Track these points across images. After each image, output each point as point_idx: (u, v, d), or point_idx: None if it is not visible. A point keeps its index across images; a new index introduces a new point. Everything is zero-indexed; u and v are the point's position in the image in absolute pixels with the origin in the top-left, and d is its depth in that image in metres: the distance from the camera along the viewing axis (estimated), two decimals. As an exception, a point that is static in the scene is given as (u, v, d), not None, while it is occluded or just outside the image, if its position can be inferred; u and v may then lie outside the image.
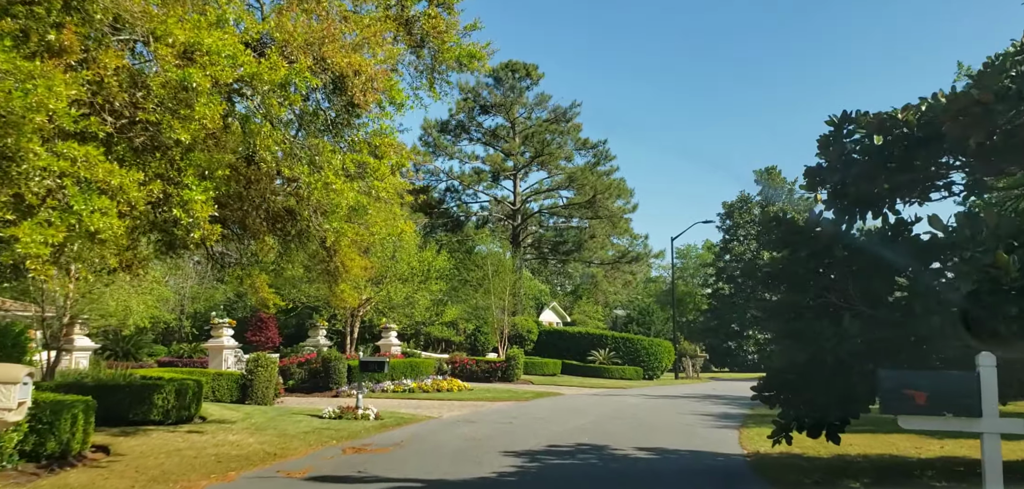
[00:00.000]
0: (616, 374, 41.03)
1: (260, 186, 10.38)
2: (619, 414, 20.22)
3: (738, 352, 62.18)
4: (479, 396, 25.52)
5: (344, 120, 10.33)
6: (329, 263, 15.29)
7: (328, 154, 10.00)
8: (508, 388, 30.10)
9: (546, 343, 44.61)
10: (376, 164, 10.67)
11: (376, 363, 17.33)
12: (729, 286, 64.68)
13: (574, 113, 48.36)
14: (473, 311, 43.49)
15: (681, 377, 45.48)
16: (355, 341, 29.65)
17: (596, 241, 49.34)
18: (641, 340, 43.56)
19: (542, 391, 29.12)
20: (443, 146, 47.58)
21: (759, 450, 13.34)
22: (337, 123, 10.42)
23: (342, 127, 10.52)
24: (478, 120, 49.70)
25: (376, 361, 17.42)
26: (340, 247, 14.72)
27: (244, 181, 10.17)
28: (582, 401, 25.24)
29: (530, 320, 45.97)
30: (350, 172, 10.49)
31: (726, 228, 67.85)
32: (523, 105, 49.34)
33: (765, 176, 66.49)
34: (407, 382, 27.25)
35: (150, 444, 12.51)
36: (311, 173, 9.74)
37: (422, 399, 24.71)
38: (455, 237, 49.20)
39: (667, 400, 26.19)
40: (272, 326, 40.89)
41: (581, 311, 68.14)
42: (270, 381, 20.68)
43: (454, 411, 20.34)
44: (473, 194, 51.12)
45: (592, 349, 42.95)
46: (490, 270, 41.25)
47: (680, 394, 30.08)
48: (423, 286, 30.51)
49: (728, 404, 25.16)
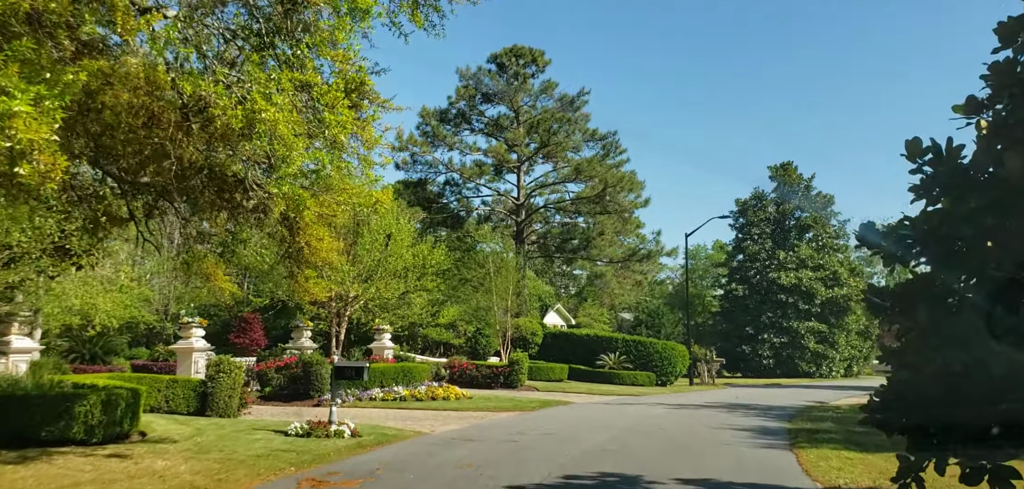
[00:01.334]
0: (627, 380, 38.06)
1: (164, 122, 7.39)
2: (642, 428, 17.27)
3: (752, 357, 59.12)
4: (479, 405, 22.57)
5: (282, 25, 7.35)
6: (291, 243, 12.36)
7: (253, 68, 7.03)
8: (511, 396, 27.16)
9: (551, 346, 41.68)
10: (325, 88, 7.69)
11: (352, 369, 14.40)
12: (743, 287, 61.64)
13: (582, 102, 45.42)
14: (474, 312, 40.60)
15: (697, 383, 42.48)
16: (342, 343, 26.71)
17: (605, 239, 46.30)
18: (654, 343, 40.58)
19: (549, 399, 26.18)
20: (442, 136, 44.51)
21: (839, 485, 10.38)
22: (271, 32, 7.43)
23: (278, 34, 7.53)
24: (480, 108, 46.72)
25: (352, 366, 14.49)
26: (302, 222, 11.81)
27: (144, 115, 7.20)
28: (596, 412, 22.29)
29: (535, 322, 43.04)
30: (297, 104, 7.52)
31: (739, 226, 64.83)
32: (528, 93, 46.36)
33: (781, 172, 63.43)
34: (398, 389, 24.33)
35: (43, 475, 9.57)
36: (227, 94, 6.76)
37: (414, 409, 21.79)
38: (455, 234, 46.27)
39: (691, 411, 23.22)
40: (257, 327, 37.92)
41: (586, 314, 65.19)
42: (235, 389, 17.74)
43: (449, 425, 17.40)
44: (474, 188, 48.13)
45: (601, 353, 39.98)
46: (492, 268, 38.34)
47: (702, 402, 27.12)
48: (419, 283, 27.56)
49: (761, 415, 22.21)
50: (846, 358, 60.26)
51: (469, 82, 45.46)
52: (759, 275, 61.51)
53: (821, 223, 62.43)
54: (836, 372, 59.33)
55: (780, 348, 58.92)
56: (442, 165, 45.65)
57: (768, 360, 58.79)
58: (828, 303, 58.91)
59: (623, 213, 46.15)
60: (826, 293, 58.79)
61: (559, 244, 49.10)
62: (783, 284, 59.01)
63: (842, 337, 59.38)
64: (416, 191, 45.33)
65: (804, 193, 62.68)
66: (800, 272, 59.26)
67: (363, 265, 25.15)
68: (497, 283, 38.02)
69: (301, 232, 12.01)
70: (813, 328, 58.54)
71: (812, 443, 14.91)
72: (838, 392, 36.98)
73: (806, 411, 24.08)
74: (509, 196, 47.66)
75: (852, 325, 60.22)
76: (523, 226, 46.94)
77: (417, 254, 26.75)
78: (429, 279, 27.38)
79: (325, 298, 19.77)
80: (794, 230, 63.33)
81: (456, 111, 46.17)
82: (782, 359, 58.81)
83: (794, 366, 58.28)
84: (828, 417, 21.57)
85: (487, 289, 37.99)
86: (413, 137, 43.38)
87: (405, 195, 45.61)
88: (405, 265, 26.83)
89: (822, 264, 60.16)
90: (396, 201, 34.43)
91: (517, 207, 47.00)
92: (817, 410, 24.66)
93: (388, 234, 25.49)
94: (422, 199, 45.07)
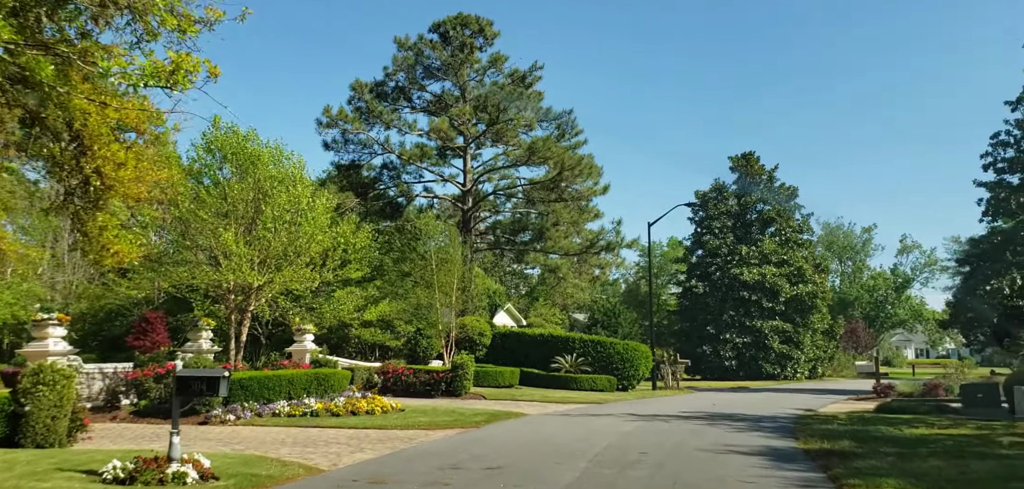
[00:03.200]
0: (586, 384, 33.88)
1: None
2: (622, 455, 12.95)
3: (713, 358, 55.58)
4: (409, 422, 17.98)
5: None
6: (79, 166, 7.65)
7: None
8: (453, 406, 22.64)
9: (501, 348, 37.28)
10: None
11: (203, 380, 9.79)
12: (703, 284, 58.08)
13: (535, 78, 40.92)
14: (414, 311, 35.94)
15: (660, 387, 38.54)
16: (243, 345, 21.81)
17: (560, 230, 41.95)
18: (614, 344, 36.48)
19: (498, 411, 21.74)
20: (378, 113, 39.37)
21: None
22: None
23: None
24: (421, 82, 41.85)
25: (202, 377, 9.89)
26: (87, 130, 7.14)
27: None
28: (555, 427, 17.91)
29: (483, 321, 38.55)
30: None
31: (699, 220, 61.37)
32: (475, 67, 41.73)
33: (742, 163, 60.12)
34: (310, 402, 19.59)
35: None
36: None
37: (327, 427, 17.16)
38: (394, 223, 41.51)
39: (669, 424, 19.03)
40: (161, 327, 32.52)
41: (537, 314, 61.07)
42: (62, 407, 12.81)
43: (361, 454, 12.84)
44: (416, 173, 43.07)
45: (556, 354, 35.73)
46: (434, 261, 33.71)
47: (676, 411, 23.01)
48: (340, 273, 22.84)
49: (754, 429, 18.16)
50: (811, 359, 57.22)
51: (408, 52, 40.61)
52: (720, 271, 58.08)
53: (785, 216, 59.39)
54: (801, 374, 56.25)
55: (743, 348, 55.52)
56: (378, 145, 40.56)
57: (731, 361, 55.36)
58: (793, 300, 55.79)
59: (580, 201, 41.90)
60: (791, 290, 55.66)
61: (510, 236, 44.54)
62: (746, 280, 55.67)
63: (807, 337, 56.31)
64: (348, 175, 40.28)
65: (767, 184, 59.56)
66: (763, 268, 56.02)
67: (265, 248, 20.34)
68: (440, 278, 33.44)
69: (91, 149, 7.36)
70: (777, 327, 55.33)
71: (860, 477, 10.79)
72: (818, 397, 33.42)
73: (804, 423, 20.15)
74: (454, 181, 42.91)
75: (817, 324, 57.22)
76: (470, 215, 42.27)
77: (337, 237, 21.98)
78: (353, 268, 22.62)
79: (132, 257, 14.86)
80: (756, 224, 60.17)
81: (394, 85, 41.25)
82: (745, 360, 55.43)
83: (758, 368, 54.98)
84: (837, 431, 17.63)
85: (429, 284, 33.38)
86: (344, 112, 38.26)
87: (337, 180, 40.67)
88: (323, 249, 22.06)
89: (786, 259, 57.05)
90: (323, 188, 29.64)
91: (463, 194, 42.27)
92: (815, 421, 20.77)
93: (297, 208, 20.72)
94: (356, 185, 40.08)
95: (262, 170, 19.91)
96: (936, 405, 24.41)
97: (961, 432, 17.67)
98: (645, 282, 79.49)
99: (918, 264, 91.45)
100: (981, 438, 16.34)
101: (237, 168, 19.73)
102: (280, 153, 22.02)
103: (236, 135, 19.83)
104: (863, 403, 28.79)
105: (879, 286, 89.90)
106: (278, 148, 22.08)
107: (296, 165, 22.18)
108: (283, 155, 22.13)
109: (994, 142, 40.59)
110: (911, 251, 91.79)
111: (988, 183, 40.97)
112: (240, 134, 19.88)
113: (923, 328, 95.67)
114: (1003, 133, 40.38)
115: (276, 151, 21.94)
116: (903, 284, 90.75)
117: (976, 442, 15.65)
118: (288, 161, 22.40)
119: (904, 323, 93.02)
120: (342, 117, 37.94)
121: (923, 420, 20.76)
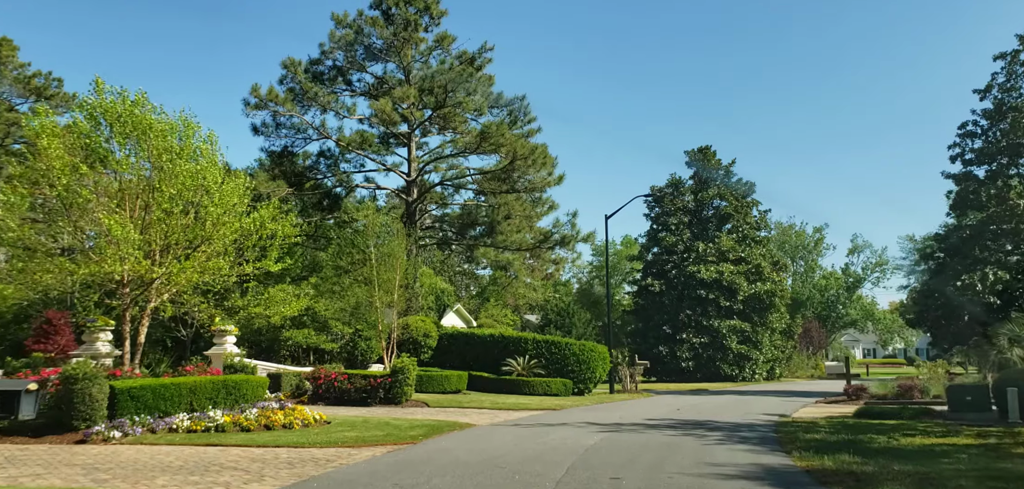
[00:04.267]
0: (539, 388, 31.32)
1: None
2: (590, 482, 10.32)
3: (669, 359, 53.64)
4: (332, 438, 15.08)
5: None
6: None
7: None
8: (389, 417, 19.77)
9: (449, 350, 34.52)
10: None
11: None
12: (659, 282, 56.11)
13: (485, 60, 38.10)
14: (353, 310, 32.80)
15: (618, 390, 36.22)
16: (140, 347, 18.58)
17: (512, 223, 39.21)
18: (570, 344, 33.99)
19: (440, 421, 18.97)
20: (313, 95, 36.10)
21: None
22: None
23: None
24: (362, 63, 38.67)
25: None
26: None
27: None
28: (506, 441, 15.21)
29: (428, 322, 35.68)
30: None
31: (655, 216, 59.45)
32: (420, 48, 38.70)
33: (699, 156, 58.40)
34: (215, 414, 16.52)
35: None
36: None
37: (229, 445, 14.20)
38: (332, 216, 38.32)
39: (637, 435, 16.52)
40: (66, 329, 28.84)
41: (488, 315, 58.56)
42: None
43: (255, 486, 9.96)
44: (356, 161, 39.82)
45: (508, 356, 33.10)
46: (374, 256, 30.68)
47: (643, 419, 20.56)
48: (259, 266, 19.76)
49: (732, 439, 15.76)
50: (769, 360, 55.71)
51: (347, 30, 37.39)
52: (676, 268, 56.22)
53: (742, 212, 57.86)
54: (759, 375, 54.69)
55: (700, 349, 53.68)
56: (313, 130, 37.20)
57: (688, 362, 53.49)
58: (751, 299, 54.19)
59: (534, 192, 39.31)
60: (749, 288, 54.05)
61: (459, 230, 41.62)
62: (703, 278, 53.88)
63: (766, 336, 54.75)
64: (281, 163, 36.88)
65: (724, 177, 57.93)
66: (721, 265, 54.31)
67: (164, 234, 17.19)
68: (381, 274, 30.46)
69: None
70: (735, 326, 53.64)
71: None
72: (786, 400, 31.47)
73: (787, 431, 17.85)
74: (398, 170, 39.76)
75: (776, 323, 55.73)
76: (415, 207, 39.22)
77: (254, 223, 18.88)
78: (272, 260, 19.56)
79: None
80: (714, 220, 58.55)
81: (331, 64, 38.01)
82: (702, 361, 53.61)
83: (716, 369, 53.23)
84: (828, 442, 15.36)
85: (368, 281, 30.34)
86: (275, 93, 34.82)
87: (269, 169, 37.30)
88: (236, 237, 18.95)
89: (744, 257, 55.45)
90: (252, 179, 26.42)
91: (408, 184, 39.19)
92: (798, 429, 18.52)
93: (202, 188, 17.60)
94: (290, 174, 36.72)
95: (156, 142, 16.74)
96: (921, 409, 22.50)
97: (963, 441, 15.58)
98: (599, 282, 77.51)
99: (869, 263, 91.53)
100: (991, 450, 14.25)
101: (124, 139, 16.55)
102: (189, 127, 18.87)
103: (123, 101, 16.64)
104: (838, 406, 26.85)
105: (831, 286, 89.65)
106: (185, 121, 18.93)
107: (206, 141, 19.05)
108: (191, 127, 18.98)
109: (962, 133, 39.40)
110: (862, 250, 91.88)
111: (956, 175, 39.77)
112: (128, 99, 16.70)
113: (874, 327, 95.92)
114: (970, 123, 39.21)
115: (181, 123, 18.77)
116: (854, 284, 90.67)
117: (990, 454, 13.57)
118: (198, 137, 19.26)
119: (855, 323, 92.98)
120: (273, 98, 34.54)
121: (913, 427, 18.74)
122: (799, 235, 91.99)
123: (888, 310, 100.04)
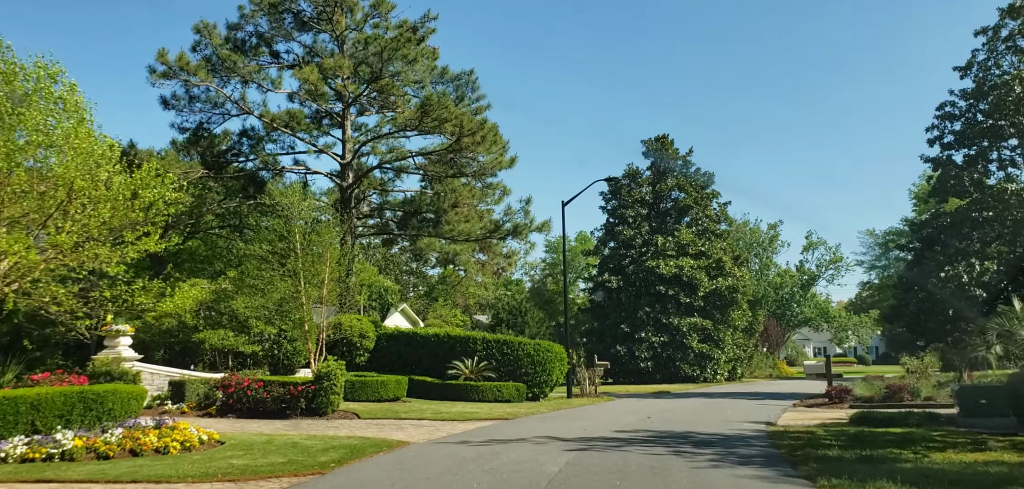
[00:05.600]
0: (489, 394, 27.78)
1: None
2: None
3: (628, 359, 50.62)
4: (213, 468, 11.29)
5: None
6: None
7: None
8: (300, 436, 16.00)
9: (388, 352, 30.78)
10: None
11: None
12: (616, 278, 53.07)
13: (428, 31, 34.19)
14: (276, 308, 28.74)
15: (576, 395, 32.91)
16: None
17: (460, 212, 35.52)
18: (524, 344, 30.55)
19: (367, 439, 15.31)
20: (232, 64, 31.78)
21: None
22: None
23: None
24: (289, 30, 34.54)
25: None
26: None
27: None
28: (447, 470, 11.60)
29: (365, 321, 31.81)
30: None
31: (611, 209, 56.49)
32: (355, 17, 34.69)
33: (656, 145, 55.57)
34: (63, 436, 12.58)
35: None
36: None
37: (75, 480, 10.46)
38: (255, 201, 34.15)
39: (613, 455, 13.10)
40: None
41: (437, 315, 54.93)
42: None
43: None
44: (284, 142, 35.53)
45: (454, 359, 29.48)
46: (298, 243, 26.77)
47: (611, 432, 17.18)
48: (136, 245, 15.78)
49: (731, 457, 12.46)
50: (731, 359, 53.14)
51: (271, -7, 33.22)
52: (635, 264, 53.28)
53: (701, 204, 55.29)
54: (721, 375, 52.08)
55: (660, 349, 50.79)
56: (233, 105, 32.82)
57: (647, 362, 50.55)
58: (712, 295, 51.54)
59: (484, 176, 35.71)
60: (710, 284, 51.38)
61: (402, 220, 37.67)
62: (662, 273, 51.01)
63: (728, 334, 52.17)
64: (197, 142, 32.57)
65: (683, 167, 55.24)
66: (681, 260, 51.54)
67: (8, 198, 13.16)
68: (308, 266, 26.61)
69: None
70: (696, 324, 50.91)
71: None
72: (760, 403, 28.61)
73: (788, 445, 14.69)
74: (332, 152, 35.61)
75: (738, 321, 53.21)
76: (351, 193, 35.17)
77: (128, 188, 14.90)
78: (153, 239, 15.58)
79: None
80: (673, 212, 55.86)
81: (253, 30, 33.75)
82: (662, 361, 50.74)
83: (676, 369, 50.41)
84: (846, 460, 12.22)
85: (294, 274, 26.40)
86: (186, 60, 30.36)
87: (183, 148, 32.92)
88: (112, 209, 14.95)
89: (704, 251, 52.81)
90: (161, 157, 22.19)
91: (343, 168, 35.12)
92: (797, 441, 15.40)
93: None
94: (207, 155, 32.47)
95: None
96: (925, 414, 19.66)
97: (1011, 458, 12.62)
98: (553, 279, 74.25)
99: (823, 261, 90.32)
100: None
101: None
102: (43, 71, 14.83)
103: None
104: (825, 411, 23.96)
105: (786, 283, 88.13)
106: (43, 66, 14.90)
107: (65, 89, 15.03)
108: (51, 73, 14.95)
109: (940, 114, 37.16)
110: (816, 248, 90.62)
111: (934, 159, 37.55)
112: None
113: (829, 326, 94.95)
114: (949, 105, 37.03)
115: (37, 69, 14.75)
116: (809, 281, 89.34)
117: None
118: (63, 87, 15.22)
119: (810, 321, 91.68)
120: (184, 66, 30.11)
121: (929, 437, 15.81)
122: (753, 232, 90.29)
123: (839, 307, 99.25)
